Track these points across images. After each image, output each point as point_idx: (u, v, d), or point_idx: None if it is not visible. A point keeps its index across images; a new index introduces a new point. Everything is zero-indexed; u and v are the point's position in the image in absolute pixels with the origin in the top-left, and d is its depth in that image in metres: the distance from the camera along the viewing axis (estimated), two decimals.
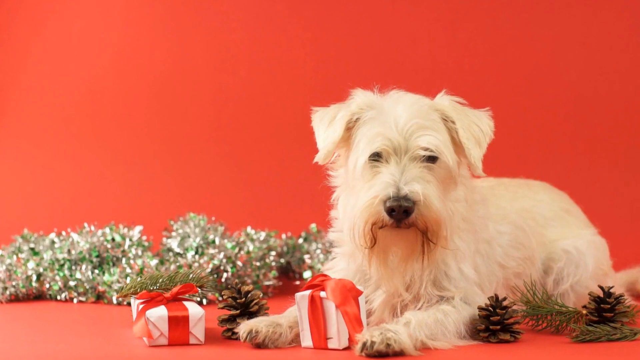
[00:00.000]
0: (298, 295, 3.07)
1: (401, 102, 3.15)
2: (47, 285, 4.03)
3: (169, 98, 5.23)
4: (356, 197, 3.09)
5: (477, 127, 3.17)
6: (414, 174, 3.03)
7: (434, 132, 3.09)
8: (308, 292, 3.06)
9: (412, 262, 3.11)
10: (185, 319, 3.15)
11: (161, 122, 5.22)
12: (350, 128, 3.19)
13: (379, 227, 3.03)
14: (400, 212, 2.98)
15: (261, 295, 3.37)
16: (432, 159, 3.09)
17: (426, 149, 3.06)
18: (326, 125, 3.22)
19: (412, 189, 2.99)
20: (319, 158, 3.21)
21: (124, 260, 4.03)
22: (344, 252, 3.30)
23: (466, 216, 3.26)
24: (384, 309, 3.23)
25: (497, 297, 3.18)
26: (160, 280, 3.33)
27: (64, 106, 5.23)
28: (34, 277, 4.02)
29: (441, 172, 3.11)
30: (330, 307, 3.02)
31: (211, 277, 3.76)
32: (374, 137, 3.10)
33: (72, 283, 4.00)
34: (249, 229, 4.32)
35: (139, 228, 4.18)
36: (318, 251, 4.36)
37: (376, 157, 3.10)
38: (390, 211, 2.99)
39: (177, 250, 4.11)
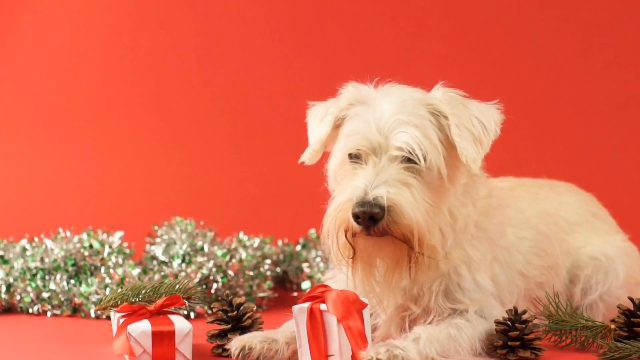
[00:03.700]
0: (296, 308, 3.08)
1: (390, 96, 3.16)
2: (18, 297, 4.03)
3: (152, 89, 5.23)
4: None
5: (479, 121, 3.16)
6: (388, 176, 3.03)
7: (413, 130, 3.07)
8: (307, 304, 3.06)
9: (400, 275, 3.11)
10: (171, 334, 3.15)
11: (144, 116, 5.22)
12: (339, 125, 3.22)
13: (352, 234, 3.04)
14: (366, 219, 2.99)
15: (255, 308, 3.37)
16: (417, 157, 3.08)
17: (400, 149, 3.07)
18: (318, 122, 3.26)
19: (377, 193, 2.99)
20: (304, 158, 3.26)
21: (102, 269, 4.04)
22: None
23: (479, 222, 3.27)
24: (390, 323, 3.24)
25: (516, 310, 3.18)
26: (143, 291, 3.33)
27: (36, 98, 5.23)
28: (4, 288, 4.03)
29: (429, 174, 3.10)
30: (332, 322, 3.02)
31: (199, 288, 3.77)
32: (350, 137, 3.13)
33: (45, 294, 4.01)
34: (241, 235, 4.32)
35: (119, 234, 4.18)
36: (318, 259, 4.37)
37: (356, 158, 3.12)
38: (356, 218, 3.00)
39: (162, 258, 4.12)
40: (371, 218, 2.98)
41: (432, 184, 3.10)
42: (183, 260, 4.08)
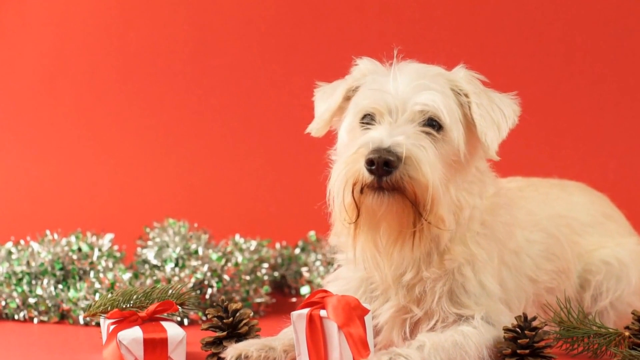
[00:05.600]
0: (294, 314, 3.07)
1: (408, 67, 3.17)
2: (3, 303, 4.03)
3: (143, 84, 5.22)
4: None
5: (498, 108, 3.16)
6: (405, 132, 3.02)
7: (437, 94, 3.07)
8: (306, 310, 3.06)
9: (402, 245, 3.08)
10: (164, 341, 3.14)
11: (135, 113, 5.22)
12: (350, 97, 3.23)
13: (360, 189, 3.00)
14: (381, 166, 2.94)
15: (251, 315, 3.37)
16: (435, 126, 3.08)
17: (423, 106, 3.05)
18: (327, 98, 3.27)
19: (396, 141, 2.97)
20: (311, 128, 3.26)
21: (92, 273, 4.03)
22: (347, 258, 3.29)
23: (485, 220, 3.26)
24: (392, 327, 3.23)
25: (525, 316, 3.17)
26: (135, 296, 3.33)
27: (23, 97, 5.23)
28: None
29: (445, 147, 3.09)
30: (332, 328, 3.02)
31: (193, 293, 3.76)
32: (366, 96, 3.12)
33: (32, 300, 4.00)
34: (237, 238, 4.32)
35: (109, 236, 4.18)
36: (317, 263, 4.36)
37: (369, 120, 3.11)
38: (370, 164, 2.96)
39: (154, 262, 4.11)
40: (386, 165, 2.94)
41: (446, 157, 3.09)
42: (176, 264, 4.07)
